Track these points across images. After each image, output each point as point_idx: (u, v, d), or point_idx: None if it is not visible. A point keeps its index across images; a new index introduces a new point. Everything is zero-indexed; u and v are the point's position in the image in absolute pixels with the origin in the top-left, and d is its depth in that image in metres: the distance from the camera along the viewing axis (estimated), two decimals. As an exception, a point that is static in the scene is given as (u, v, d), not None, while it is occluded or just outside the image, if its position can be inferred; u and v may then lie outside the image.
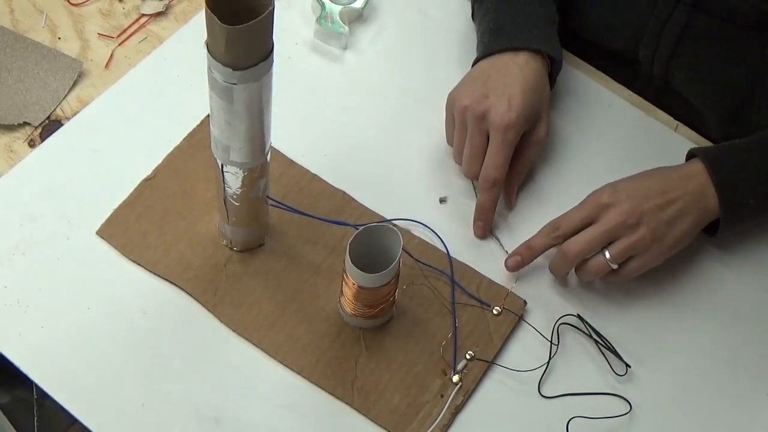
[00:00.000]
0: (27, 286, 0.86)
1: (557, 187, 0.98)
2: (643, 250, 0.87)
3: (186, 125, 0.96)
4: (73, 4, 1.04)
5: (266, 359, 0.85)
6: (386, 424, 0.83)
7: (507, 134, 0.91)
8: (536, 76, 0.94)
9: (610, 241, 0.88)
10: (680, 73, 1.00)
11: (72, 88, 0.98)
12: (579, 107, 1.04)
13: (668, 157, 1.01)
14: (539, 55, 0.95)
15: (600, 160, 1.00)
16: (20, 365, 0.83)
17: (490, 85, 0.93)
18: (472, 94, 0.93)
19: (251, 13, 0.65)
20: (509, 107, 0.91)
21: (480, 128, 0.92)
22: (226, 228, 0.88)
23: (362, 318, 0.86)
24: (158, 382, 0.83)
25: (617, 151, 1.01)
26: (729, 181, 0.89)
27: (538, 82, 0.94)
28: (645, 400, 0.87)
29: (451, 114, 0.95)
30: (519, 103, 0.91)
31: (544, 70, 0.96)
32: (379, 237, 0.81)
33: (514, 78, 0.93)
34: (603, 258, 0.88)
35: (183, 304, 0.87)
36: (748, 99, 0.97)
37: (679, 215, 0.88)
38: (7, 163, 0.93)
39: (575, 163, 1.00)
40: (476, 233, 0.94)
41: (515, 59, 0.94)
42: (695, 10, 0.94)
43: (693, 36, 0.96)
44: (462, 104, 0.93)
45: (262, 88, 0.71)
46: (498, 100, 0.91)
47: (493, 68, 0.95)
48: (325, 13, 1.03)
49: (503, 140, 0.91)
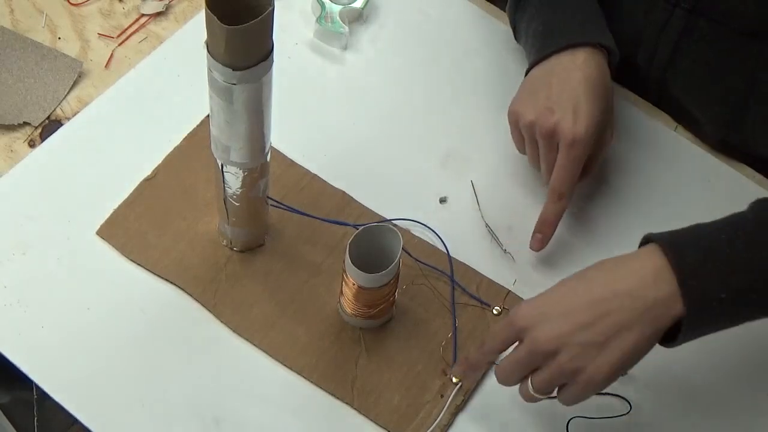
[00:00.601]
0: (27, 286, 0.86)
1: (557, 187, 0.98)
2: (569, 380, 0.73)
3: (186, 125, 0.96)
4: (73, 4, 1.04)
5: (266, 359, 0.85)
6: (386, 425, 0.83)
7: (576, 150, 0.87)
8: (599, 76, 0.90)
9: (535, 368, 0.75)
10: (677, 78, 0.99)
11: (72, 88, 0.98)
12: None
13: (668, 157, 1.01)
14: (598, 50, 0.91)
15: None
16: (20, 365, 0.83)
17: (553, 97, 0.89)
18: (536, 107, 0.89)
19: (251, 13, 0.65)
20: (576, 121, 0.87)
21: (551, 145, 0.89)
22: (226, 228, 0.88)
23: (362, 318, 0.86)
24: (158, 382, 0.83)
25: (617, 152, 1.01)
26: (697, 271, 0.71)
27: (602, 84, 0.90)
28: (645, 400, 0.87)
29: (517, 128, 0.92)
30: (586, 115, 0.87)
31: (605, 66, 0.91)
32: (379, 237, 0.81)
33: (577, 84, 0.89)
34: (526, 387, 0.76)
35: (183, 304, 0.87)
36: (745, 105, 0.95)
37: (616, 332, 0.71)
38: (7, 163, 0.93)
39: (575, 163, 1.00)
40: (532, 246, 0.91)
41: (574, 60, 0.90)
42: (693, 14, 0.93)
43: (691, 41, 0.95)
44: (527, 120, 0.89)
45: (262, 88, 0.71)
46: (565, 114, 0.87)
47: (553, 75, 0.90)
48: (325, 13, 1.03)
49: (573, 156, 0.88)
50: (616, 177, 0.99)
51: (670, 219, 0.97)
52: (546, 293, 0.75)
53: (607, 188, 0.99)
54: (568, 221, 0.96)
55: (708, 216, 0.98)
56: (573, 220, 0.96)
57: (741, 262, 0.72)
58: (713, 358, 0.90)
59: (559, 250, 0.94)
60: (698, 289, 0.71)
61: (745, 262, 0.72)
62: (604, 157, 0.95)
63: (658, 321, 0.72)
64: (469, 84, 1.04)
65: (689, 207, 0.98)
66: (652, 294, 0.71)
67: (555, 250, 0.94)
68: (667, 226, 0.97)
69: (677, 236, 0.74)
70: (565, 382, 0.74)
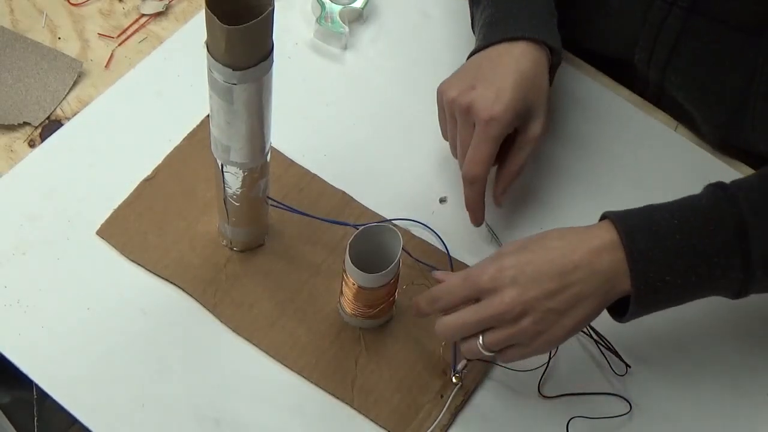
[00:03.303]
0: (27, 286, 0.86)
1: (557, 187, 0.98)
2: (524, 341, 0.77)
3: (186, 125, 0.96)
4: (73, 4, 1.04)
5: (266, 359, 0.85)
6: (386, 424, 0.83)
7: (490, 128, 0.85)
8: (533, 68, 0.89)
9: (489, 327, 0.77)
10: (676, 78, 0.98)
11: (72, 88, 0.98)
12: (579, 107, 1.04)
13: (668, 157, 1.01)
14: (538, 46, 0.90)
15: (600, 160, 1.00)
16: (20, 365, 0.83)
17: (479, 77, 0.88)
18: (459, 85, 0.88)
19: (251, 13, 0.65)
20: (496, 99, 0.85)
21: (467, 121, 0.87)
22: (226, 228, 0.88)
23: (362, 318, 0.86)
24: (158, 382, 0.83)
25: (617, 151, 1.01)
26: (646, 254, 0.75)
27: (534, 75, 0.89)
28: (645, 400, 0.87)
29: (442, 107, 0.91)
30: (508, 96, 0.86)
31: (543, 62, 0.90)
32: (379, 237, 0.81)
33: (507, 68, 0.87)
34: (476, 343, 0.78)
35: (183, 304, 0.87)
36: (743, 104, 0.95)
37: (576, 301, 0.75)
38: (7, 163, 0.93)
39: (575, 163, 1.00)
40: (471, 221, 0.92)
41: (511, 50, 0.89)
42: (691, 13, 0.92)
43: (688, 41, 0.94)
44: (449, 96, 0.88)
45: (262, 88, 0.71)
46: (485, 91, 0.86)
47: (486, 59, 0.90)
48: (325, 13, 1.03)
49: (486, 134, 0.86)
50: (616, 177, 0.99)
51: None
52: (506, 255, 0.77)
53: (607, 188, 0.99)
54: (568, 222, 0.96)
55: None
56: (573, 221, 0.96)
57: (687, 248, 0.76)
58: (713, 358, 0.90)
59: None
60: (645, 272, 0.76)
61: (690, 247, 0.76)
62: (533, 155, 0.92)
63: (609, 295, 0.77)
64: (469, 84, 1.04)
65: (689, 207, 0.98)
66: (607, 269, 0.76)
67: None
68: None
69: (631, 218, 0.78)
70: (515, 343, 0.77)
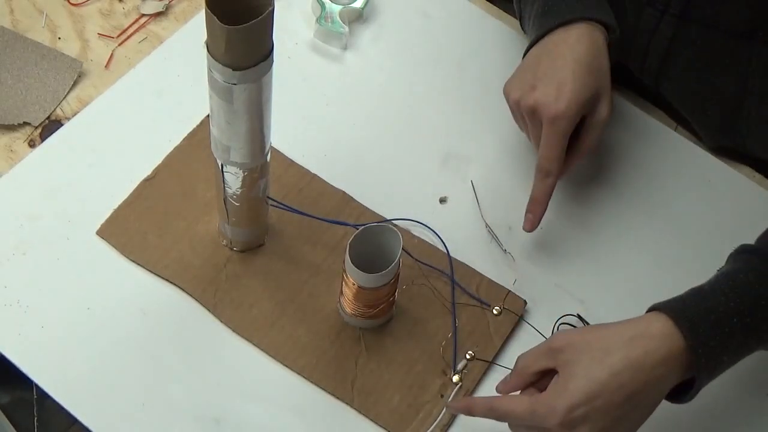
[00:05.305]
0: (27, 286, 0.86)
1: (557, 187, 0.98)
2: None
3: (186, 125, 0.97)
4: (73, 4, 1.04)
5: (266, 359, 0.85)
6: (386, 424, 0.83)
7: (557, 126, 0.86)
8: (590, 53, 0.88)
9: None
10: (670, 84, 0.98)
11: (72, 88, 0.98)
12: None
13: (668, 157, 1.01)
14: (593, 26, 0.89)
15: (600, 159, 1.00)
16: (20, 365, 0.83)
17: (539, 74, 0.88)
18: (521, 86, 0.89)
19: (251, 13, 0.65)
20: (558, 96, 0.86)
21: (534, 122, 0.88)
22: (226, 228, 0.88)
23: (362, 318, 0.86)
24: (158, 382, 0.83)
25: (618, 151, 1.01)
26: (713, 351, 0.74)
27: (592, 59, 0.88)
28: (645, 400, 0.87)
29: (511, 108, 0.92)
30: (569, 90, 0.86)
31: (600, 43, 0.89)
32: (379, 237, 0.81)
33: (564, 60, 0.87)
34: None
35: (183, 304, 0.87)
36: (738, 109, 0.95)
37: (636, 407, 0.74)
38: (7, 163, 0.93)
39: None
40: (524, 226, 0.90)
41: (566, 38, 0.88)
42: (682, 20, 0.92)
43: (681, 48, 0.94)
44: (513, 98, 0.89)
45: (262, 88, 0.71)
46: (546, 89, 0.87)
47: (544, 53, 0.89)
48: (325, 13, 1.03)
49: (554, 131, 0.86)
50: (616, 177, 0.99)
51: (671, 219, 0.98)
52: (573, 386, 0.73)
53: (608, 189, 0.99)
54: (568, 222, 0.96)
55: (708, 215, 0.98)
56: (573, 221, 0.96)
57: (743, 328, 0.75)
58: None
59: (559, 250, 0.94)
60: (710, 368, 0.75)
61: (745, 326, 0.75)
62: (601, 136, 0.92)
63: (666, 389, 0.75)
64: (469, 84, 1.04)
65: (689, 207, 0.98)
66: (675, 379, 0.75)
67: (555, 249, 0.94)
68: (667, 225, 0.98)
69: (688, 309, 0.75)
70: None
